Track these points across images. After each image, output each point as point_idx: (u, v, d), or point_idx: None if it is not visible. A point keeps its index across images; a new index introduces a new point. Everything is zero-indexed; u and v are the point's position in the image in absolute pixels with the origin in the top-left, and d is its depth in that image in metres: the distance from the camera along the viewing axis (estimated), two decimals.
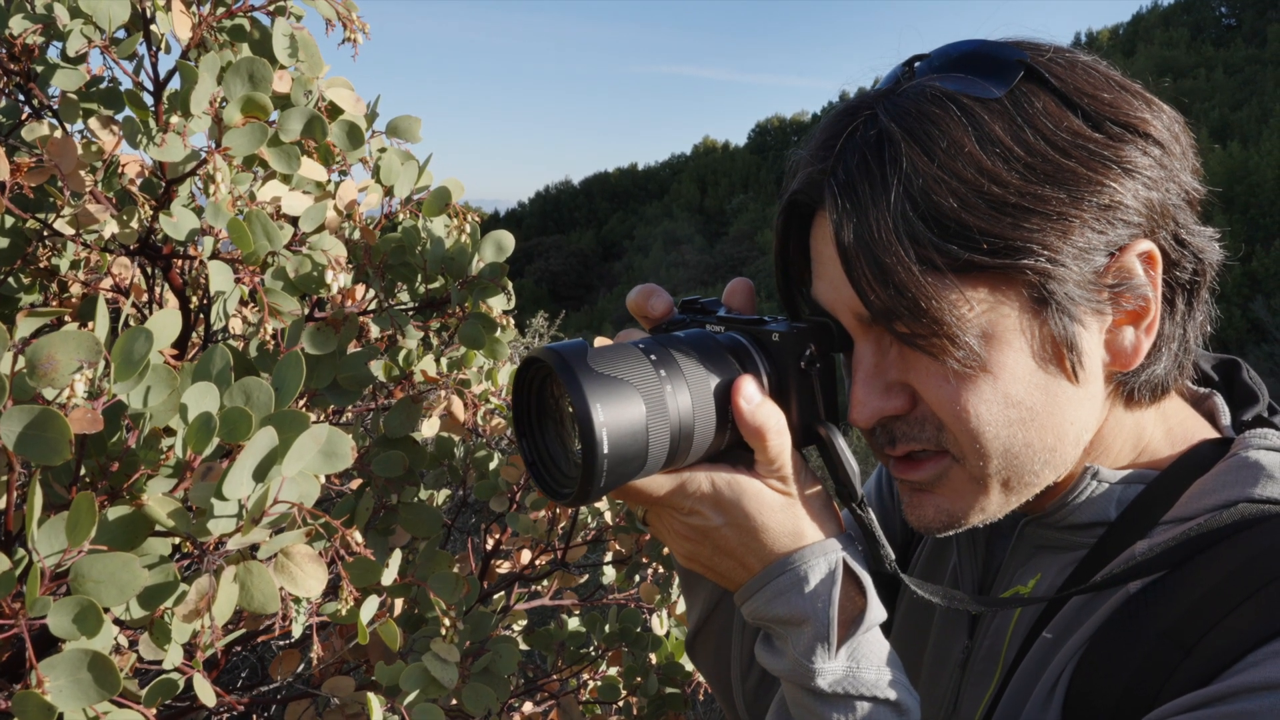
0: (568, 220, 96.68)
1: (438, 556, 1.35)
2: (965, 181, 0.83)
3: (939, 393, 0.89)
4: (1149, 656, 0.83)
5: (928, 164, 0.84)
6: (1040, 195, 0.83)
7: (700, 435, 0.92)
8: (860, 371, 0.93)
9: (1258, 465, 0.92)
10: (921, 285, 0.84)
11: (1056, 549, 1.01)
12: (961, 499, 0.94)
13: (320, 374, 1.29)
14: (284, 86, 1.33)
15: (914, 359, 0.90)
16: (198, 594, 0.95)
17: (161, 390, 1.03)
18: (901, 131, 0.86)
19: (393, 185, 1.59)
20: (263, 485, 0.94)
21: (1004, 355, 0.87)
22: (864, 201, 0.85)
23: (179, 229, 1.19)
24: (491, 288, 1.63)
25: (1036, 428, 0.90)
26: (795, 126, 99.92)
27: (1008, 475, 0.92)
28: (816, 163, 0.91)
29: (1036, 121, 0.85)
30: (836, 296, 0.93)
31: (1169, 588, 0.87)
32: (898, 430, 0.94)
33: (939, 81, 0.88)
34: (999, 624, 1.04)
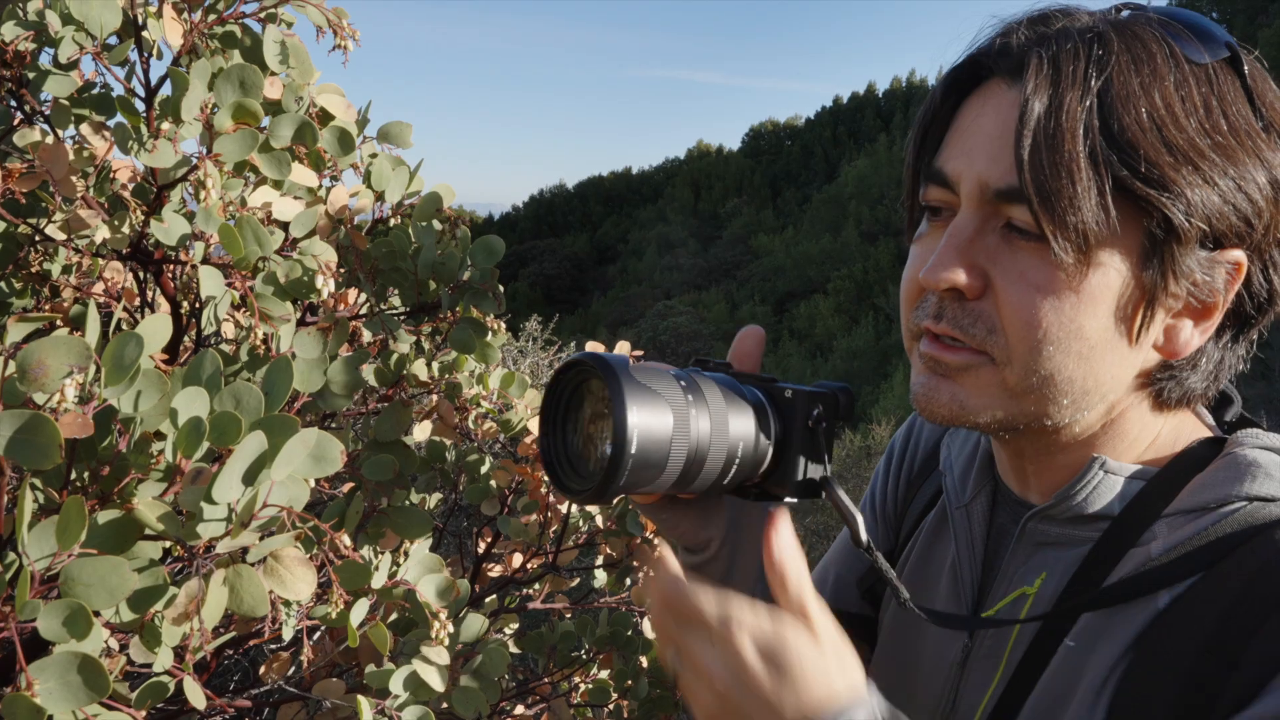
0: (562, 224, 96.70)
1: (428, 560, 1.36)
2: (1153, 108, 0.86)
3: (1020, 293, 0.89)
4: (1194, 672, 0.85)
5: (1129, 78, 0.87)
6: (1203, 152, 0.86)
7: (710, 465, 0.96)
8: (953, 237, 0.92)
9: (1255, 464, 0.94)
10: (1080, 176, 0.85)
11: (1059, 545, 1.02)
12: (980, 398, 0.94)
13: (311, 378, 1.30)
14: (275, 93, 1.34)
15: (1012, 252, 0.90)
16: (187, 597, 0.96)
17: (152, 395, 1.03)
18: (1119, 41, 0.89)
19: (384, 190, 1.60)
20: (252, 489, 0.94)
21: (1097, 284, 0.88)
22: (1064, 82, 0.87)
23: (170, 234, 1.20)
24: (482, 292, 1.64)
25: (1085, 365, 0.91)
26: (789, 130, 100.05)
27: (1037, 395, 0.93)
28: (1025, 35, 0.92)
29: (1224, 97, 0.88)
30: (969, 165, 0.92)
31: (1198, 596, 0.88)
32: (950, 311, 0.93)
33: (1160, 27, 0.91)
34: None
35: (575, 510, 2.08)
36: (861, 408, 35.69)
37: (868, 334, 44.97)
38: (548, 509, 2.02)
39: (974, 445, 1.17)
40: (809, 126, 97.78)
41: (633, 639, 2.00)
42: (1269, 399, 29.10)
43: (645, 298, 63.74)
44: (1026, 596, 1.01)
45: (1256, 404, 29.50)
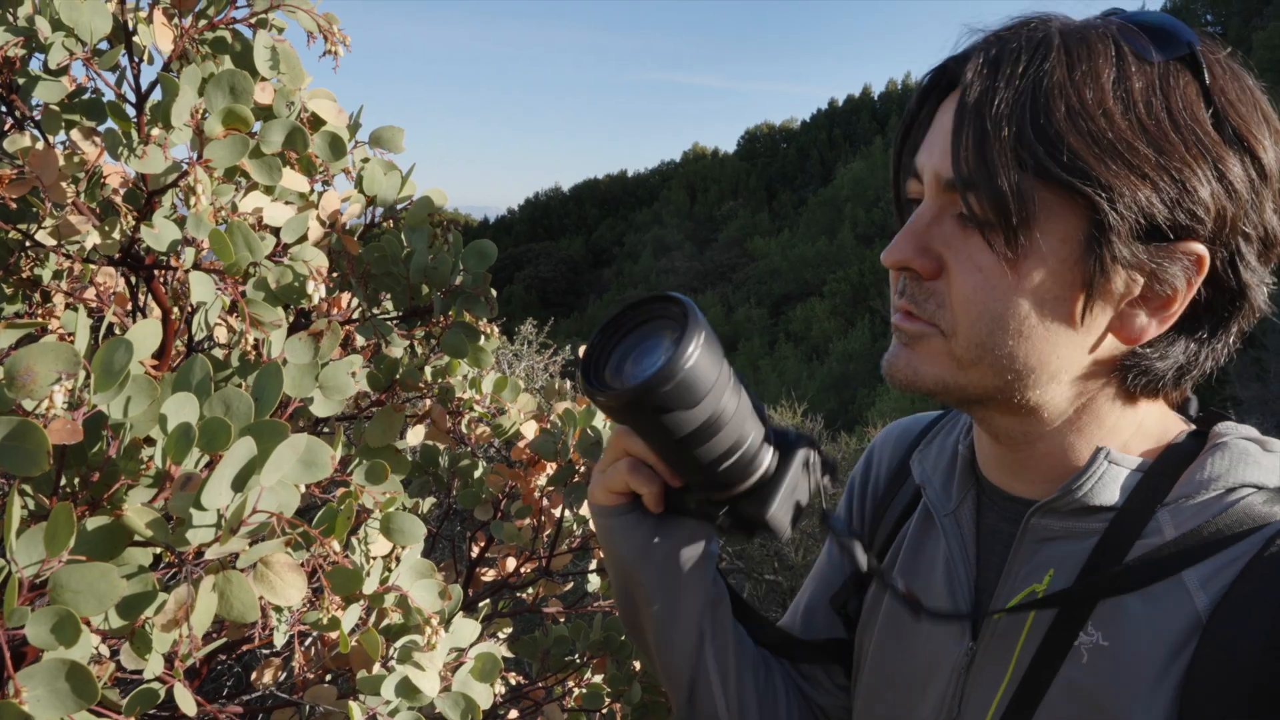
0: (557, 227, 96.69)
1: (419, 565, 1.36)
2: (1082, 102, 0.90)
3: (965, 274, 0.96)
4: (1262, 669, 0.88)
5: (1064, 76, 0.91)
6: (1132, 145, 0.89)
7: (718, 440, 1.03)
8: (912, 224, 1.00)
9: (1247, 452, 1.00)
10: (1004, 165, 0.91)
11: (1063, 539, 1.04)
12: (930, 365, 1.02)
13: (302, 384, 1.30)
14: (266, 98, 1.34)
15: (962, 237, 0.97)
16: (176, 603, 0.96)
17: (142, 401, 1.03)
18: (1060, 42, 0.93)
19: (376, 195, 1.60)
20: (241, 495, 0.94)
21: (1032, 268, 0.94)
22: (998, 79, 0.92)
23: (160, 240, 1.20)
24: (474, 297, 1.64)
25: (1024, 344, 0.97)
26: (785, 133, 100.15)
27: (980, 367, 0.99)
28: (980, 40, 0.99)
29: (1170, 94, 0.92)
30: (929, 158, 1.00)
31: (1243, 599, 0.92)
32: (910, 288, 1.01)
33: (1116, 29, 0.95)
34: (1009, 624, 1.05)
35: (569, 514, 2.08)
36: (857, 410, 35.74)
37: (864, 337, 45.02)
38: (541, 513, 2.02)
39: (951, 455, 1.20)
40: (804, 129, 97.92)
41: (626, 643, 1.99)
42: (1264, 400, 29.16)
43: None
44: (1037, 594, 1.03)
45: (1252, 405, 29.62)
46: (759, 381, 41.95)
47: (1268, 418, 26.48)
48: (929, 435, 1.27)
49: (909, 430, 1.35)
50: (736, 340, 53.27)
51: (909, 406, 30.16)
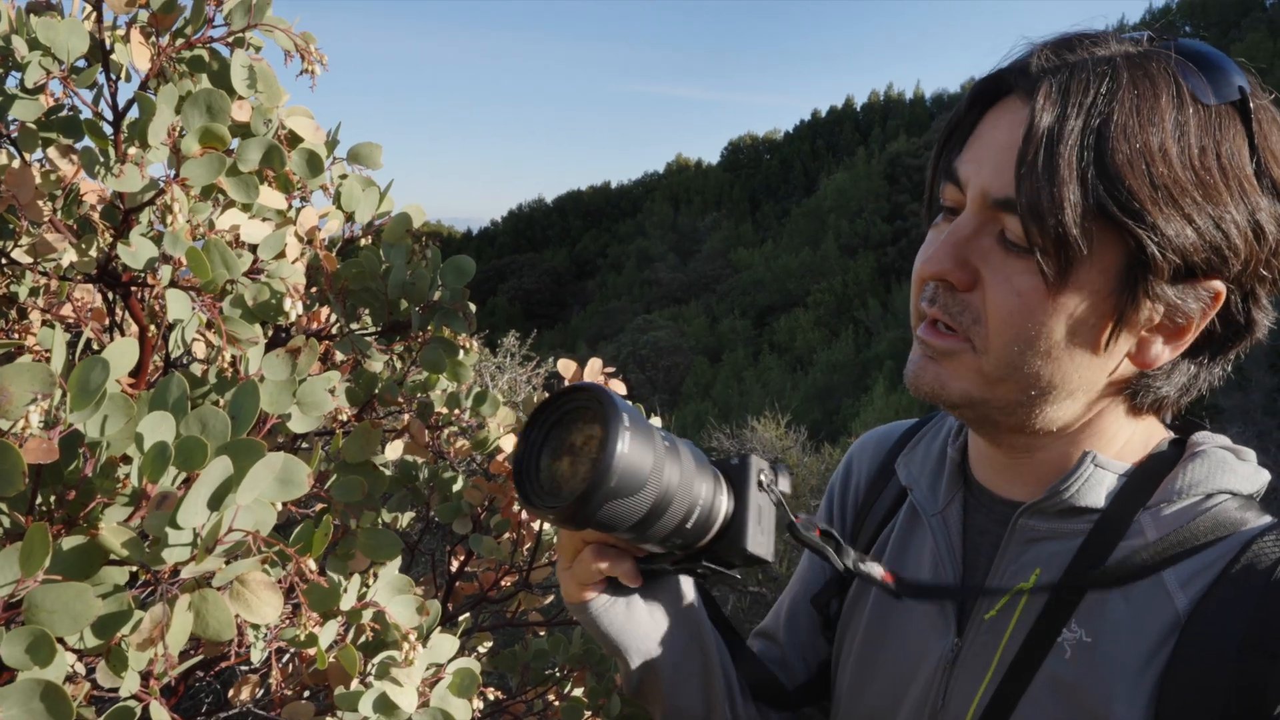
0: (541, 238, 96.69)
1: (397, 581, 1.36)
2: (1145, 144, 0.93)
3: (1003, 295, 0.98)
4: (1239, 668, 0.92)
5: (1130, 113, 0.93)
6: (1185, 190, 0.93)
7: (671, 514, 1.04)
8: (952, 235, 1.02)
9: (1224, 461, 1.05)
10: (1068, 197, 0.92)
11: (1049, 539, 1.08)
12: (958, 380, 1.04)
13: (280, 400, 1.30)
14: (244, 116, 1.34)
15: (1003, 257, 0.99)
16: (152, 622, 0.96)
17: (118, 419, 1.04)
18: (1129, 76, 0.95)
19: (353, 211, 1.60)
20: (217, 514, 0.95)
21: (1070, 296, 0.97)
22: (1069, 108, 0.94)
23: (137, 258, 1.20)
24: (453, 312, 1.65)
25: (1050, 364, 1.00)
26: (768, 144, 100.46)
27: (1007, 384, 1.02)
28: (1046, 58, 0.99)
29: (1221, 141, 0.95)
30: (976, 171, 1.01)
31: (1219, 600, 0.96)
32: (943, 298, 1.03)
33: (1175, 65, 0.98)
34: (995, 621, 1.09)
35: (549, 527, 2.09)
36: (841, 421, 35.80)
37: (848, 347, 45.15)
38: (520, 526, 2.02)
39: (939, 458, 1.23)
40: (787, 140, 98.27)
41: (606, 657, 2.00)
42: (1245, 409, 29.39)
43: (625, 312, 63.81)
44: (1024, 593, 1.07)
45: (1233, 414, 29.80)
46: (743, 392, 42.00)
47: (1249, 426, 26.69)
48: (913, 440, 1.31)
49: (888, 436, 1.38)
50: (721, 351, 53.31)
51: (893, 417, 30.09)
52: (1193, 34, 16.48)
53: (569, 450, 1.03)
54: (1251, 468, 1.07)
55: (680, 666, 1.23)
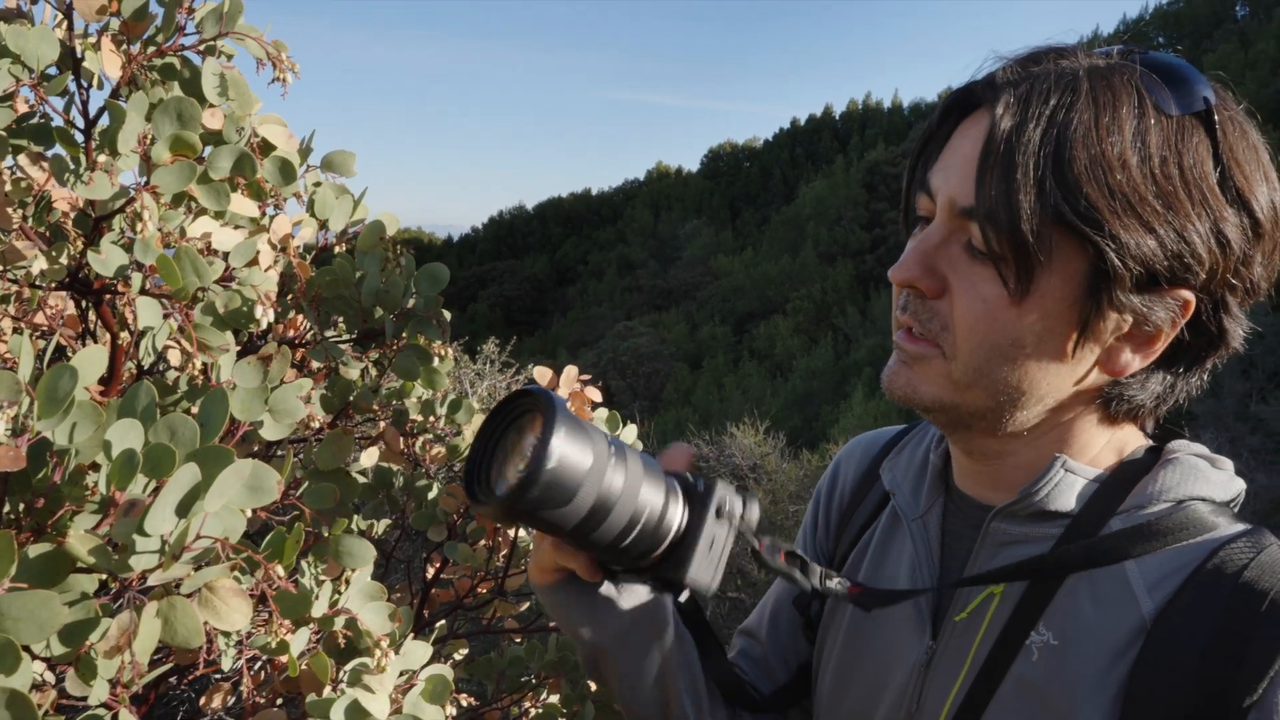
0: (521, 245, 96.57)
1: (369, 588, 1.36)
2: (1103, 153, 0.93)
3: (969, 302, 1.00)
4: (1203, 672, 0.93)
5: (1089, 124, 0.94)
6: (1144, 199, 0.93)
7: (614, 519, 1.02)
8: (921, 243, 1.03)
9: (1196, 468, 1.06)
10: (1027, 206, 0.94)
11: (1021, 543, 1.09)
12: (929, 384, 1.05)
13: (251, 408, 1.30)
14: (216, 123, 1.34)
15: (970, 264, 1.00)
16: (119, 629, 0.96)
17: (87, 427, 1.04)
18: (1088, 88, 0.96)
19: (327, 219, 1.61)
20: (184, 521, 0.95)
21: (1035, 304, 0.98)
22: (1028, 118, 0.95)
23: (107, 265, 1.20)
24: (427, 320, 1.65)
25: (1018, 371, 1.01)
26: (748, 152, 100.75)
27: (976, 390, 1.03)
28: (1010, 71, 1.01)
29: (1183, 151, 0.96)
30: (946, 181, 1.02)
31: (1185, 607, 0.97)
32: (913, 305, 1.04)
33: (1140, 77, 0.98)
34: (969, 623, 1.10)
35: (524, 534, 2.09)
36: (821, 427, 35.87)
37: (827, 354, 45.28)
38: (496, 533, 2.02)
39: (921, 464, 1.24)
40: (767, 148, 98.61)
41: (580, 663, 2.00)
42: (1218, 415, 29.64)
43: (605, 319, 63.83)
44: (994, 596, 1.09)
45: (1206, 420, 30.03)
46: (723, 399, 42.05)
47: (1221, 432, 26.92)
48: (898, 445, 1.32)
49: (874, 442, 1.40)
50: (701, 358, 53.38)
51: (871, 424, 30.26)
52: (1165, 45, 16.75)
53: (518, 452, 1.04)
54: (1226, 475, 1.08)
55: (635, 663, 1.23)
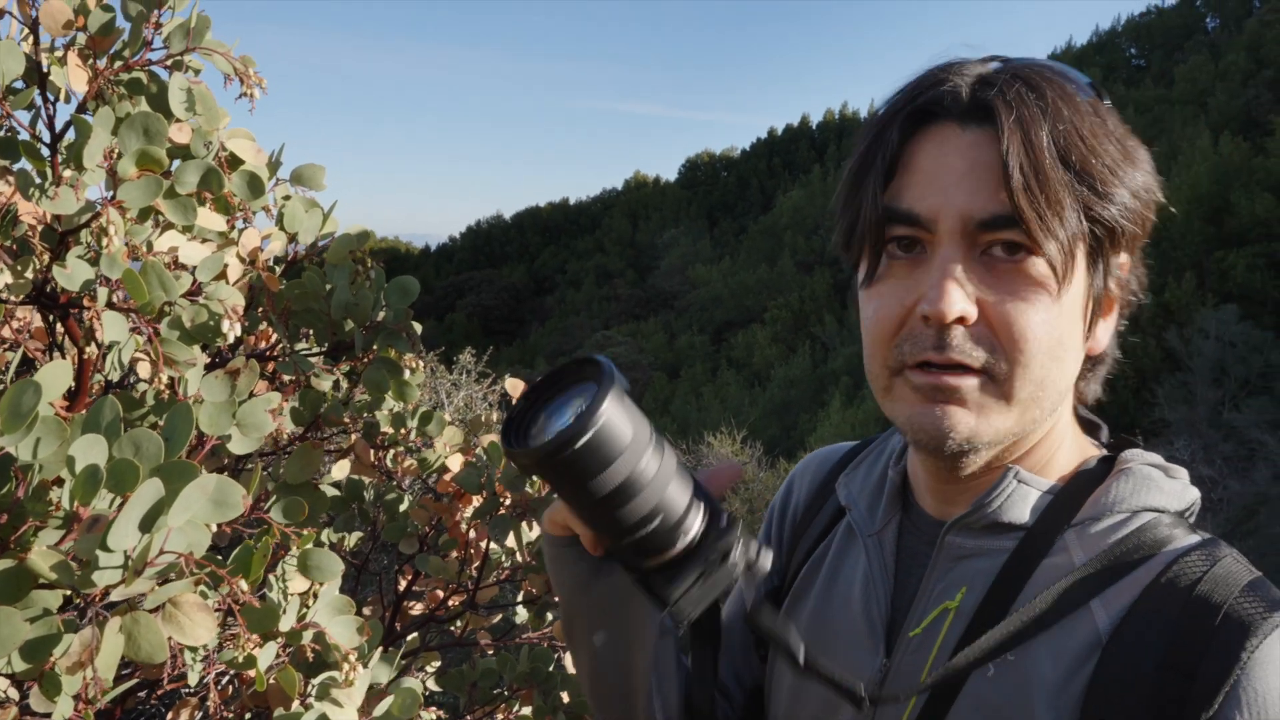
0: (499, 254, 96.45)
1: (337, 601, 1.36)
2: (1087, 138, 0.96)
3: (1010, 308, 0.98)
4: (1157, 686, 0.93)
5: (1065, 113, 0.97)
6: (1122, 167, 0.98)
7: (637, 504, 0.99)
8: (946, 271, 0.98)
9: (1150, 478, 1.06)
10: (1064, 201, 0.95)
11: (976, 556, 1.08)
12: (985, 416, 1.01)
13: (219, 422, 1.30)
14: (184, 138, 1.35)
15: (997, 275, 0.99)
16: (81, 645, 0.96)
17: (51, 442, 1.03)
18: (1044, 83, 0.99)
19: (297, 232, 1.61)
20: (148, 536, 0.95)
21: (1069, 294, 0.99)
22: (1026, 120, 0.96)
23: (73, 280, 1.20)
24: (396, 333, 1.65)
25: (1061, 369, 1.01)
26: (725, 161, 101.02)
27: (1029, 402, 1.01)
28: (964, 85, 1.00)
29: (1117, 127, 1.00)
30: (947, 202, 0.99)
31: (1138, 621, 0.97)
32: (954, 340, 0.99)
33: (1051, 70, 1.01)
34: (923, 639, 1.09)
35: (495, 546, 2.09)
36: (799, 436, 35.95)
37: (804, 363, 45.39)
38: (467, 546, 2.03)
39: (879, 479, 1.24)
40: (745, 158, 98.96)
41: (552, 675, 2.00)
42: (1191, 422, 29.93)
43: (583, 328, 63.80)
44: (949, 611, 1.07)
45: (1179, 427, 30.22)
46: (701, 408, 42.07)
47: (1194, 439, 27.19)
48: (855, 460, 1.32)
49: (829, 458, 1.39)
50: (679, 367, 53.43)
51: (849, 432, 30.33)
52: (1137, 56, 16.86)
53: (565, 412, 1.03)
54: (1180, 485, 1.08)
55: (609, 641, 1.23)
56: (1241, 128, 52.33)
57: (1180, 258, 42.32)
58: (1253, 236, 41.25)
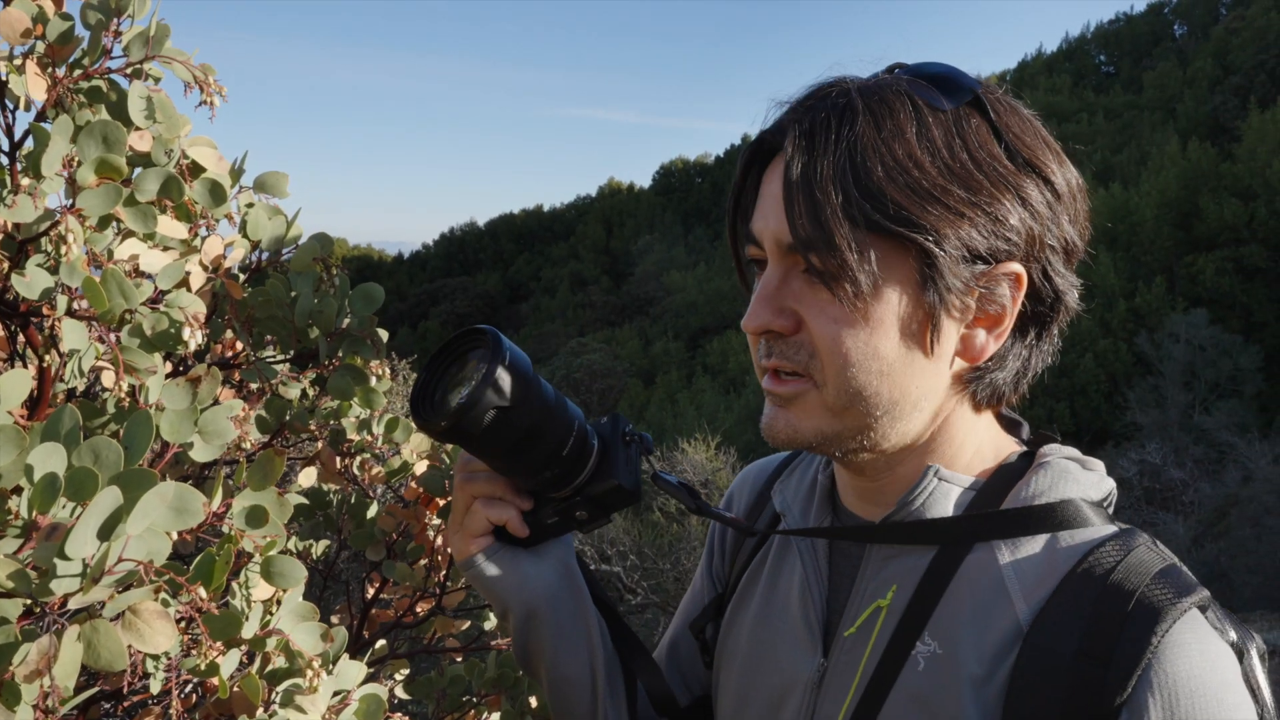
0: (473, 262, 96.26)
1: (300, 608, 1.36)
2: (895, 158, 0.99)
3: (822, 325, 1.04)
4: (1074, 672, 0.96)
5: (873, 136, 1.00)
6: (946, 189, 0.99)
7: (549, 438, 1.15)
8: (763, 289, 1.08)
9: (1068, 471, 1.11)
10: (838, 226, 0.99)
11: (904, 555, 1.12)
12: (809, 420, 1.09)
13: (181, 429, 1.30)
14: (145, 145, 1.35)
15: (811, 292, 1.05)
16: (38, 653, 0.96)
17: (9, 451, 1.03)
18: (863, 106, 1.02)
19: (260, 240, 1.61)
20: (106, 544, 0.95)
21: (882, 311, 1.02)
22: (815, 148, 1.01)
23: (32, 288, 1.20)
24: (361, 340, 1.66)
25: (888, 381, 1.05)
26: (699, 168, 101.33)
27: (853, 411, 1.07)
28: (791, 112, 1.07)
29: (967, 137, 1.02)
30: (766, 225, 1.07)
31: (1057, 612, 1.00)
32: (776, 347, 1.08)
33: (907, 85, 1.05)
34: (856, 640, 1.12)
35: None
36: None
37: None
38: (434, 552, 2.02)
39: (810, 484, 1.27)
40: (719, 164, 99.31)
41: (521, 680, 2.01)
42: (1162, 425, 30.24)
43: (558, 335, 63.76)
44: (881, 609, 1.11)
45: (1151, 430, 30.53)
46: (677, 414, 42.12)
47: (1166, 443, 27.46)
48: (790, 468, 1.34)
49: (765, 468, 1.43)
50: (655, 373, 53.49)
51: None
52: (1106, 63, 17.11)
53: (464, 378, 1.14)
54: (1097, 476, 1.13)
55: (564, 630, 1.28)
56: (1209, 133, 52.98)
57: (1150, 262, 42.74)
58: (1221, 241, 41.78)
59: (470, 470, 1.29)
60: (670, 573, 11.26)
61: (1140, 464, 24.67)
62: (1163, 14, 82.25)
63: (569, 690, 1.31)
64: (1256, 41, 57.93)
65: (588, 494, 1.21)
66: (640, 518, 13.96)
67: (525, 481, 1.21)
